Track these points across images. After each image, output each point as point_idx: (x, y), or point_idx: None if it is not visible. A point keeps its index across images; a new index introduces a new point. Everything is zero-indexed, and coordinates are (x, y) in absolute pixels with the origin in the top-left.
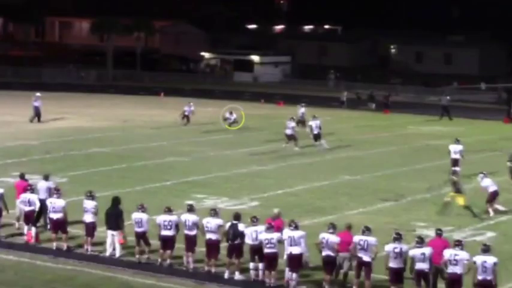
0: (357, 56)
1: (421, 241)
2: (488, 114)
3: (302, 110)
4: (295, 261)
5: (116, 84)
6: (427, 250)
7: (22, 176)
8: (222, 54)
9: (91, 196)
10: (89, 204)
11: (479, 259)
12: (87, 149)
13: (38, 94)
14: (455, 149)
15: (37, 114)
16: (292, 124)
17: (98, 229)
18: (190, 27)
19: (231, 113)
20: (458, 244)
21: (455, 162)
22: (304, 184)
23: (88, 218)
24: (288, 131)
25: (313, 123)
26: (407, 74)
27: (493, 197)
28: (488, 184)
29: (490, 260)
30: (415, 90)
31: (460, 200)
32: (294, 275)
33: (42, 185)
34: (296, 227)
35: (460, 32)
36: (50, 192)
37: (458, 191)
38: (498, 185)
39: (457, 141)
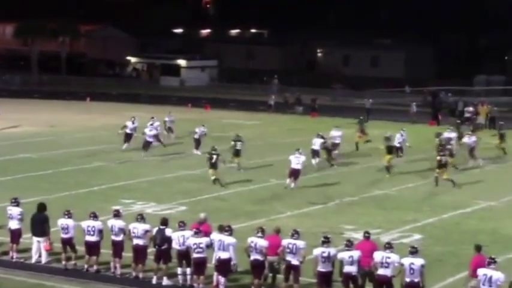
0: (285, 60)
1: (350, 244)
2: (414, 117)
3: (171, 118)
4: (224, 266)
5: (41, 89)
6: (356, 253)
7: None
8: (149, 59)
9: (16, 202)
10: (15, 210)
11: (406, 261)
12: (13, 155)
13: None
14: (315, 142)
15: None
16: (202, 129)
17: (24, 235)
18: (116, 31)
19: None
20: (390, 247)
21: (314, 153)
22: (232, 188)
23: (13, 224)
24: (196, 136)
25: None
26: (335, 77)
27: (293, 174)
28: (292, 160)
29: (418, 262)
30: (342, 93)
31: (211, 173)
32: (223, 280)
33: None
34: (230, 233)
35: (387, 34)
36: None
37: (212, 166)
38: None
39: (319, 136)
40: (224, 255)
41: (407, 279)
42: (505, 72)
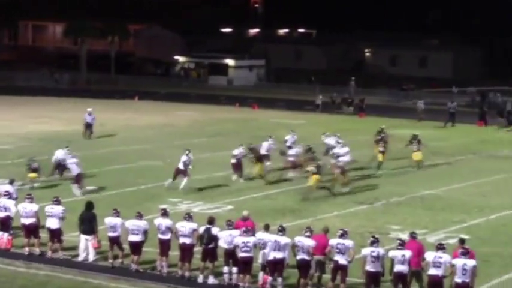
0: (332, 60)
1: (402, 243)
2: (462, 117)
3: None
4: (281, 266)
5: (90, 88)
6: (408, 253)
7: None
8: (197, 58)
9: (57, 201)
10: (56, 209)
11: (459, 262)
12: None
13: (90, 109)
14: (291, 140)
15: (87, 129)
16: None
17: (72, 234)
18: (164, 30)
19: None
20: (442, 247)
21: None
22: (278, 188)
23: (54, 223)
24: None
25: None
26: (382, 77)
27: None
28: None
29: (470, 263)
30: (389, 94)
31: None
32: (279, 280)
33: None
34: (284, 233)
35: (435, 35)
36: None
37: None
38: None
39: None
40: (280, 255)
41: (459, 280)
42: None
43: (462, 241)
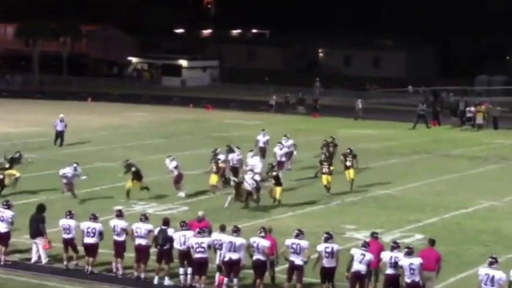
0: (286, 60)
1: (365, 244)
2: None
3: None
4: (237, 267)
5: (42, 90)
6: (368, 255)
7: None
8: (150, 59)
9: (7, 205)
10: (6, 213)
11: (405, 262)
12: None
13: (62, 115)
14: (263, 140)
15: (58, 137)
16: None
17: (26, 236)
18: (118, 31)
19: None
20: (397, 246)
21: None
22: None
23: (2, 227)
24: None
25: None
26: (337, 77)
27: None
28: None
29: (416, 261)
30: (343, 94)
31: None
32: (235, 280)
33: None
34: (239, 233)
35: (388, 35)
36: None
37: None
38: None
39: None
40: (235, 256)
41: (409, 280)
42: (506, 72)
43: (432, 242)
